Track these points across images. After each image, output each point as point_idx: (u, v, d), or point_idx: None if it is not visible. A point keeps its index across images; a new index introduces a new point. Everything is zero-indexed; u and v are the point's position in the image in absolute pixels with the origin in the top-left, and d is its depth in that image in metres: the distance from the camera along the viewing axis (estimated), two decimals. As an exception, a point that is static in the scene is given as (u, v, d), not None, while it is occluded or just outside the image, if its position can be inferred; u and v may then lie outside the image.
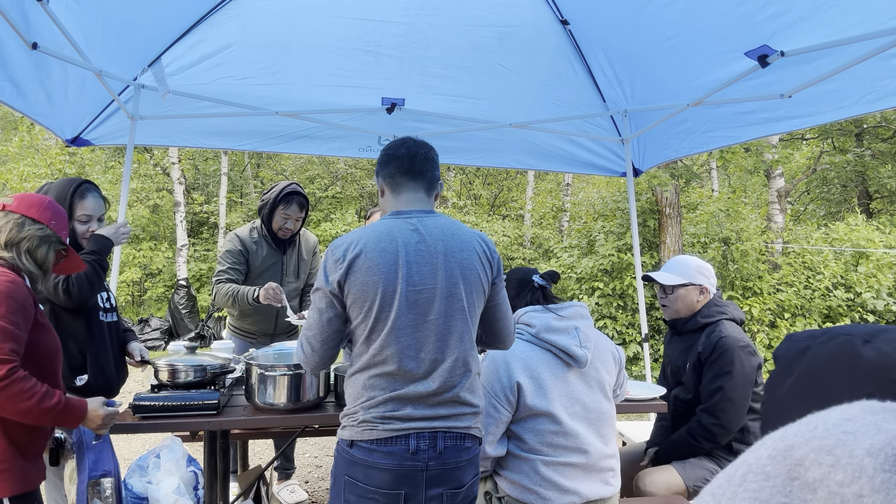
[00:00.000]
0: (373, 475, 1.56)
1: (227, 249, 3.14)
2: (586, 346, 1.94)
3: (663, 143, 3.99)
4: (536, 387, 1.87)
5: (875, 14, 2.24)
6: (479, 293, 1.69)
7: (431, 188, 1.76)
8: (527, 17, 3.32)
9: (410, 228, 1.65)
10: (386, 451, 1.56)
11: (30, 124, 11.92)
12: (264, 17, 3.24)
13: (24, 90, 2.67)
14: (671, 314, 2.69)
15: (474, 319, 1.69)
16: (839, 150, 11.91)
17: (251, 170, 15.69)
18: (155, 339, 8.82)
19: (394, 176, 1.73)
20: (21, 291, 1.63)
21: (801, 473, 0.40)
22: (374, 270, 1.58)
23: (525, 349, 1.93)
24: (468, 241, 1.69)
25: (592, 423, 1.93)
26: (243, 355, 2.40)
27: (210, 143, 4.00)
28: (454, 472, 1.61)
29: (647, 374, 4.18)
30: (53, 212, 1.82)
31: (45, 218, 1.78)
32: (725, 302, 2.65)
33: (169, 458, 2.07)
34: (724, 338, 2.45)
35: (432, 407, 1.59)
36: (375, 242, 1.61)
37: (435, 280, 1.61)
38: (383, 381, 1.59)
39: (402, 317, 1.58)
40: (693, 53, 2.98)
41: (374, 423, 1.58)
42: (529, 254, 11.43)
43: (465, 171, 15.91)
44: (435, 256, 1.62)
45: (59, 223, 1.82)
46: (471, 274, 1.66)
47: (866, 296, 7.70)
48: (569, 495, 1.85)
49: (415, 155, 1.73)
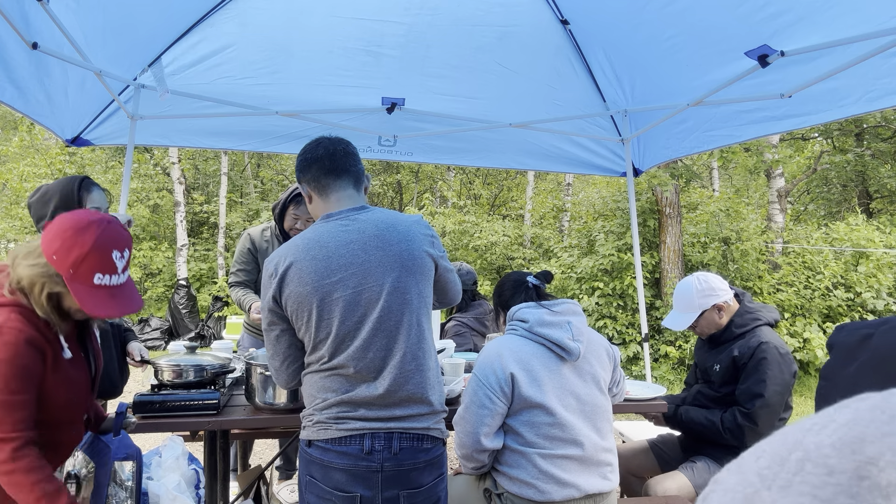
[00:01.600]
0: (330, 475, 1.56)
1: (238, 249, 3.18)
2: (579, 340, 1.95)
3: (663, 143, 3.99)
4: (530, 378, 1.89)
5: (875, 14, 2.24)
6: (426, 279, 1.66)
7: (359, 182, 1.72)
8: (527, 17, 3.32)
9: (343, 229, 1.61)
10: (340, 450, 1.55)
11: (30, 124, 11.92)
12: (264, 17, 3.24)
13: (25, 90, 2.67)
14: (704, 335, 2.65)
15: (426, 308, 1.66)
16: (839, 149, 11.91)
17: (251, 170, 15.69)
18: (155, 338, 8.83)
19: (318, 178, 1.68)
20: (22, 357, 1.42)
21: (872, 473, 0.34)
22: (305, 280, 1.56)
23: (519, 343, 1.95)
24: (406, 229, 1.64)
25: (587, 416, 1.94)
26: (243, 355, 2.40)
27: (210, 143, 4.00)
28: (411, 473, 1.58)
29: (648, 374, 4.18)
30: (64, 242, 1.47)
31: (48, 251, 1.48)
32: (756, 305, 2.58)
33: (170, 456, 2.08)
34: (765, 343, 2.41)
35: (387, 408, 1.57)
36: (305, 251, 1.58)
37: (375, 278, 1.58)
38: (334, 382, 1.58)
39: (346, 321, 1.56)
40: (693, 53, 2.98)
41: (328, 423, 1.57)
42: (529, 254, 11.42)
43: (465, 171, 15.91)
44: (372, 253, 1.59)
45: (63, 257, 1.47)
46: (413, 263, 1.62)
47: (866, 296, 7.70)
48: (567, 488, 1.86)
49: (334, 153, 1.68)
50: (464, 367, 2.59)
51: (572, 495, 1.86)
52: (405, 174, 15.77)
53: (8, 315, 1.44)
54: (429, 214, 12.19)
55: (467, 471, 2.03)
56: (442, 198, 15.23)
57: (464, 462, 1.99)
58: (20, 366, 1.41)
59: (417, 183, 16.36)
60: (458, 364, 2.57)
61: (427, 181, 16.45)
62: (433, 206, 13.32)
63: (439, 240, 1.74)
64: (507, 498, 1.92)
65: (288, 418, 2.19)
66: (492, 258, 11.33)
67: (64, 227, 1.49)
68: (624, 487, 2.84)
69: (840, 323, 2.43)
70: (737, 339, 2.51)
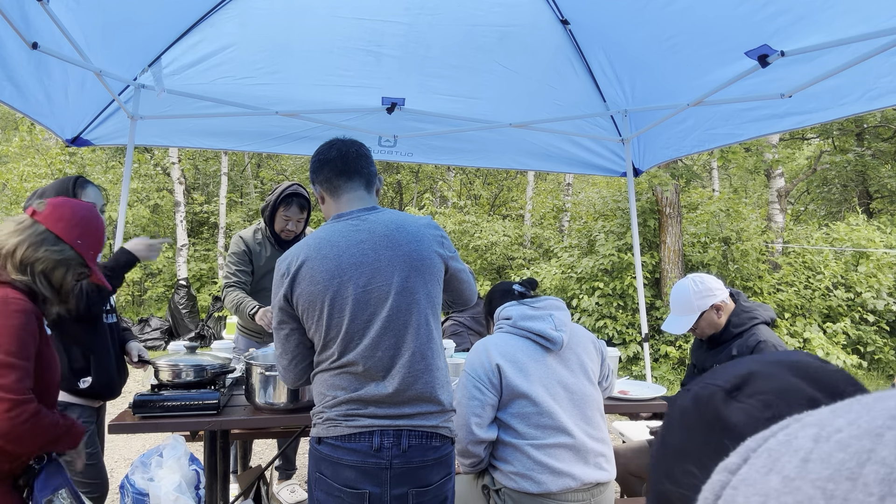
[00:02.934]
0: (339, 472, 1.57)
1: (231, 252, 3.15)
2: (562, 330, 2.00)
3: (663, 143, 3.99)
4: (516, 369, 1.94)
5: (875, 13, 2.24)
6: (435, 279, 1.68)
7: (371, 184, 1.75)
8: (527, 17, 3.32)
9: (353, 229, 1.63)
10: (350, 447, 1.57)
11: (30, 124, 11.92)
12: (264, 17, 3.24)
13: (25, 90, 2.67)
14: (703, 337, 2.64)
15: (434, 308, 1.68)
16: (839, 149, 11.91)
17: (251, 170, 15.69)
18: (155, 339, 8.83)
19: (330, 180, 1.71)
20: (31, 324, 1.52)
21: None
22: (317, 279, 1.59)
23: (504, 339, 2.01)
24: (415, 230, 1.66)
25: (576, 405, 1.97)
26: (244, 355, 2.40)
27: (210, 143, 4.00)
28: (419, 471, 1.59)
29: (648, 374, 4.18)
30: (83, 229, 1.63)
31: (71, 237, 1.61)
32: (752, 304, 2.58)
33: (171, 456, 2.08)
34: (763, 342, 2.41)
35: (396, 406, 1.59)
36: (317, 251, 1.61)
37: (384, 277, 1.59)
38: (344, 380, 1.60)
39: (355, 320, 1.58)
40: (693, 53, 2.98)
41: (338, 420, 1.59)
42: (530, 254, 11.43)
43: (465, 171, 15.91)
44: (381, 253, 1.61)
45: (86, 241, 1.64)
46: (422, 263, 1.63)
47: (866, 296, 7.70)
48: (563, 478, 1.87)
49: (347, 154, 1.71)
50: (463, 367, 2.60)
51: (568, 485, 1.87)
52: (405, 174, 15.78)
53: (7, 291, 1.53)
54: (429, 215, 12.17)
55: (465, 469, 2.04)
56: (442, 198, 15.23)
57: (461, 459, 2.00)
58: (31, 332, 1.51)
59: (417, 183, 16.36)
60: (458, 364, 2.57)
61: (427, 181, 16.46)
62: (433, 206, 13.32)
63: (449, 240, 1.76)
64: (504, 493, 1.93)
65: (288, 418, 2.19)
66: (492, 258, 11.33)
67: (77, 213, 1.64)
68: (624, 488, 2.84)
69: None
70: (735, 338, 2.51)
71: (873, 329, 7.70)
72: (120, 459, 4.23)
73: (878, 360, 7.70)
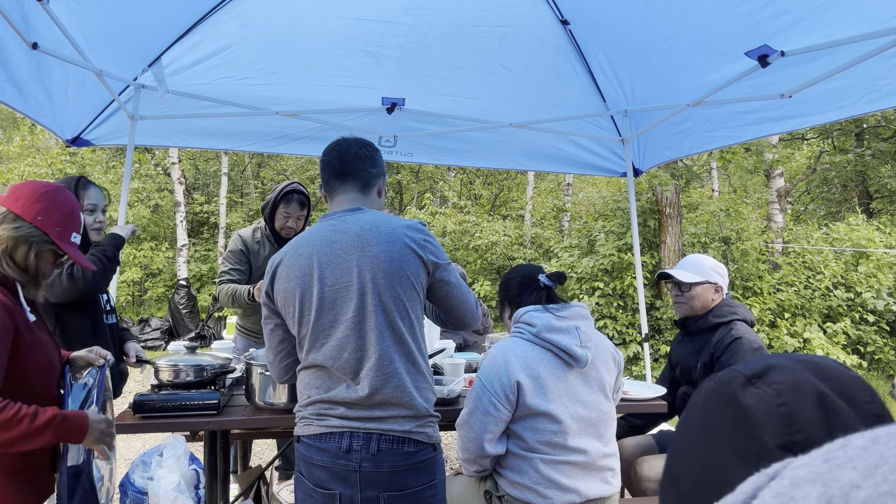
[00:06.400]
0: (312, 471, 1.59)
1: (229, 250, 3.15)
2: (587, 346, 1.93)
3: (663, 143, 3.99)
4: (536, 386, 1.86)
5: (875, 14, 2.24)
6: (407, 282, 1.61)
7: (367, 185, 1.73)
8: (527, 17, 3.32)
9: (331, 229, 1.64)
10: (321, 447, 1.58)
11: (31, 124, 11.93)
12: (264, 18, 3.24)
13: (25, 90, 2.67)
14: (685, 311, 2.68)
15: (404, 312, 1.61)
16: (839, 149, 11.91)
17: (252, 170, 15.70)
18: (155, 339, 8.83)
19: (328, 182, 1.74)
20: (2, 314, 1.43)
21: None
22: (290, 276, 1.63)
23: (525, 348, 1.92)
24: (389, 231, 1.61)
25: (592, 423, 1.93)
26: (244, 355, 2.40)
27: (210, 143, 4.00)
28: (392, 475, 1.56)
29: (648, 373, 4.18)
30: (44, 205, 1.55)
31: (30, 213, 1.52)
32: (736, 303, 2.66)
33: (171, 456, 2.08)
34: (739, 339, 2.46)
35: (367, 409, 1.57)
36: (294, 249, 1.66)
37: (349, 277, 1.59)
38: (317, 379, 1.62)
39: (321, 318, 1.59)
40: (693, 53, 2.98)
41: (311, 419, 1.61)
42: (530, 254, 11.43)
43: (465, 171, 15.90)
44: (350, 253, 1.60)
45: (50, 217, 1.55)
46: (391, 265, 1.58)
47: (866, 296, 7.70)
48: (568, 494, 1.85)
49: (345, 157, 1.72)
50: (464, 367, 2.59)
51: (573, 500, 1.85)
52: (405, 174, 15.78)
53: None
54: (429, 215, 12.20)
55: (469, 473, 2.03)
56: (442, 198, 15.23)
57: (466, 465, 1.98)
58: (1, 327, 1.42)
59: (418, 183, 16.36)
60: (458, 364, 2.57)
61: (427, 181, 16.45)
62: (434, 206, 13.32)
63: (437, 246, 1.69)
64: (507, 501, 1.92)
65: (288, 418, 2.19)
66: (492, 258, 11.34)
67: (37, 191, 1.57)
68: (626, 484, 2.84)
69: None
70: (713, 329, 2.57)
71: (873, 329, 7.70)
72: (120, 459, 4.23)
73: (878, 360, 7.70)
